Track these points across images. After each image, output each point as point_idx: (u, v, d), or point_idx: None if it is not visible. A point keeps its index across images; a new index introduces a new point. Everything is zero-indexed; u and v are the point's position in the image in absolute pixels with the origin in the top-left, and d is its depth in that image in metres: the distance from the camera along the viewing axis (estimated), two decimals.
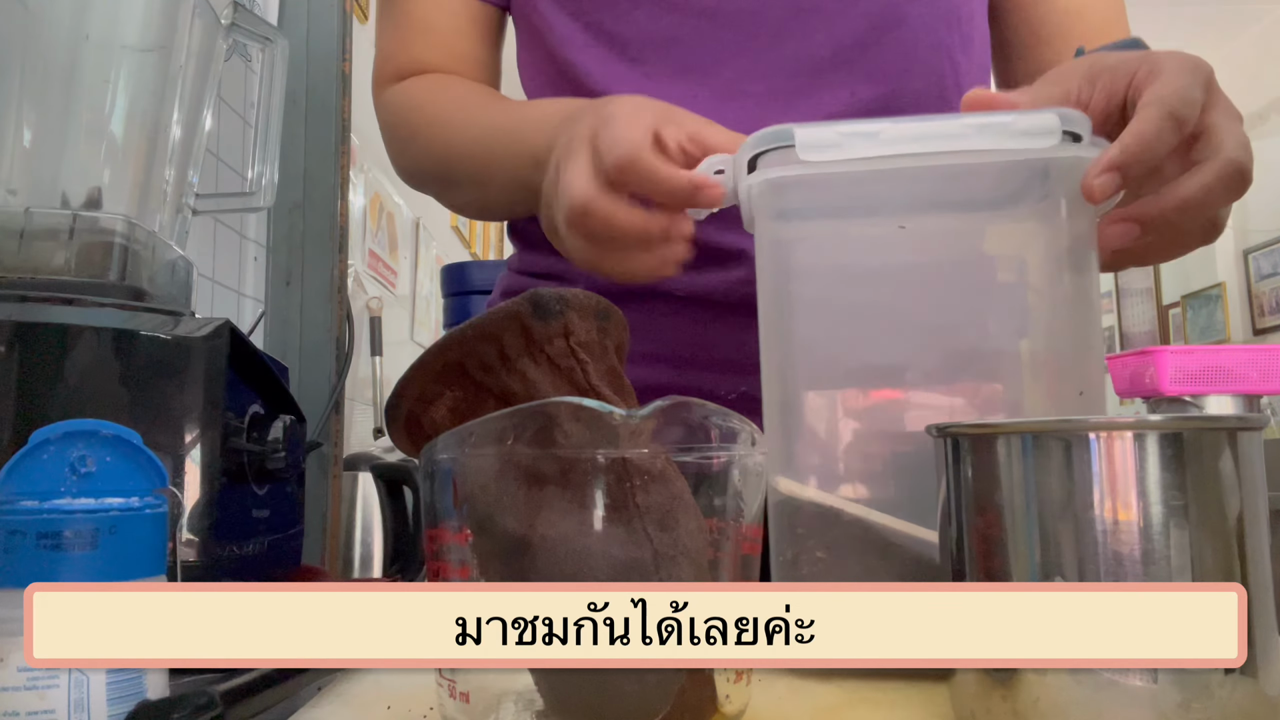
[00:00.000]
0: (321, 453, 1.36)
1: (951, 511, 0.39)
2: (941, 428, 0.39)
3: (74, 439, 0.41)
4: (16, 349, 0.64)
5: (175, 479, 0.67)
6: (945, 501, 0.39)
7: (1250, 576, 0.34)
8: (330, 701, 0.47)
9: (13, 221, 0.73)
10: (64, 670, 0.39)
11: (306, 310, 1.43)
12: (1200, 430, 0.34)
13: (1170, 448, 0.34)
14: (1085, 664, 0.33)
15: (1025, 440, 0.35)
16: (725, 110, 0.66)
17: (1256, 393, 3.18)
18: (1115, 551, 0.34)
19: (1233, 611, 0.31)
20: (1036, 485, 0.35)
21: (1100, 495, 0.34)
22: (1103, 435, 0.34)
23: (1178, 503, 0.33)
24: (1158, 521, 0.33)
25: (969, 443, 0.38)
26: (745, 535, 0.40)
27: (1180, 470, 0.33)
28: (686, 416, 0.38)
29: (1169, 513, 0.33)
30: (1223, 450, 0.34)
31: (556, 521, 0.37)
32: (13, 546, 0.39)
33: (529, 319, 0.40)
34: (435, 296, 2.81)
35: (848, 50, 0.67)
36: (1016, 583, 0.36)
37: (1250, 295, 5.25)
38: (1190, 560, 0.33)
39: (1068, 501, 0.34)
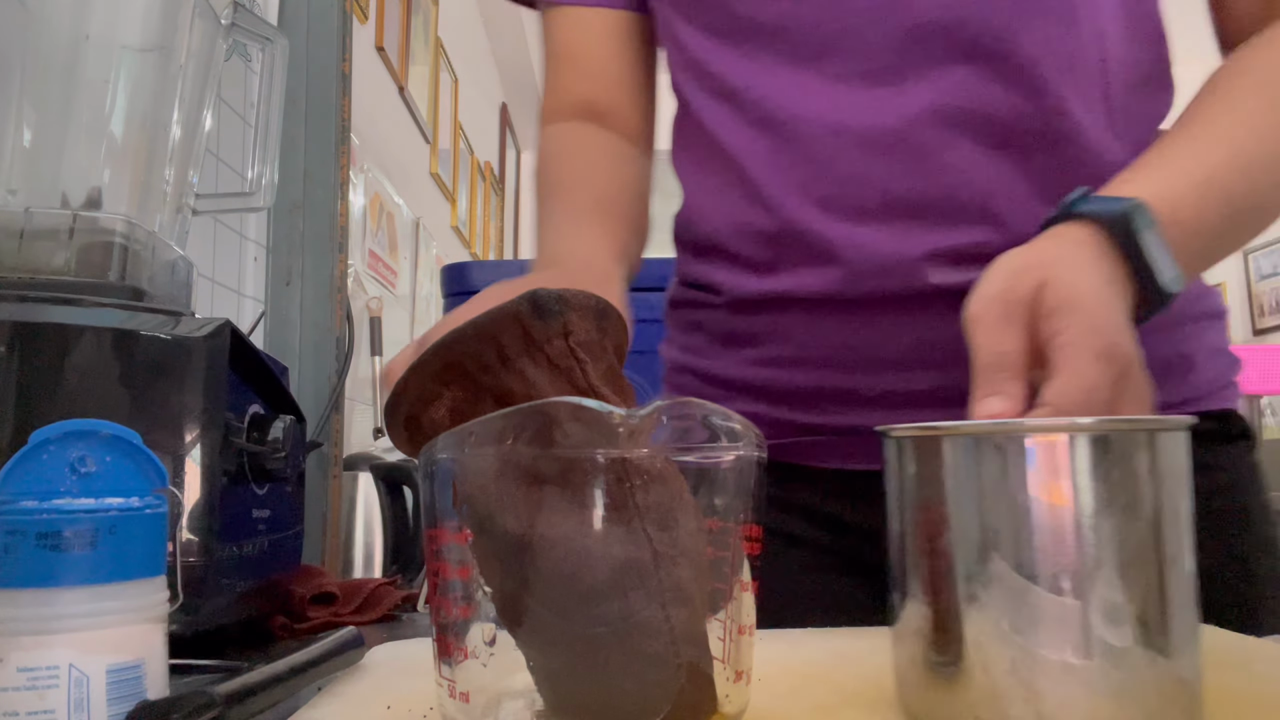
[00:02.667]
0: (321, 453, 1.36)
1: (896, 510, 0.41)
2: (885, 430, 0.42)
3: (74, 439, 0.41)
4: (16, 349, 0.64)
5: (175, 479, 0.67)
6: (890, 500, 0.42)
7: (1169, 567, 0.37)
8: (330, 701, 0.47)
9: (13, 221, 0.73)
10: (64, 670, 0.39)
11: (306, 310, 1.43)
12: (1125, 432, 0.37)
13: (1099, 449, 0.36)
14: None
15: (967, 443, 0.38)
16: (838, 93, 0.67)
17: (1256, 393, 3.18)
18: (1049, 544, 0.36)
19: None
20: (978, 484, 0.38)
21: (1035, 493, 0.37)
22: (1038, 438, 0.37)
23: (1105, 499, 0.36)
24: (1088, 516, 0.36)
25: (913, 444, 0.40)
26: (745, 535, 0.40)
27: (1107, 469, 0.36)
28: (686, 416, 0.38)
29: (1098, 508, 0.36)
30: (1145, 451, 0.37)
31: (556, 521, 0.36)
32: (12, 546, 0.39)
33: (528, 319, 0.40)
34: (435, 296, 2.81)
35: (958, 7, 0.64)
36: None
37: (1250, 295, 5.25)
38: (1115, 553, 0.36)
39: (1006, 499, 0.37)
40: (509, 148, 4.60)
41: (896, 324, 0.68)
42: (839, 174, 0.67)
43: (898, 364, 0.68)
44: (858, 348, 0.69)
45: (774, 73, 0.69)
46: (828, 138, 0.67)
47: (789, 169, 0.68)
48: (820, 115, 0.67)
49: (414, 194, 2.73)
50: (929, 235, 0.66)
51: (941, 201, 0.66)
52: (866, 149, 0.66)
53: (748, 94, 0.70)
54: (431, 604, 0.40)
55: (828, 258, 0.67)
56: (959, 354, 0.66)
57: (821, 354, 0.70)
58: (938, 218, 0.66)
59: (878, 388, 0.69)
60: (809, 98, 0.68)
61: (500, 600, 0.38)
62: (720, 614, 0.39)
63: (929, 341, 0.67)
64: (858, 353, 0.69)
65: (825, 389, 0.70)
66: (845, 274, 0.67)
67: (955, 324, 0.64)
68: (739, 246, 0.72)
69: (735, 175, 0.71)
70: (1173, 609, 0.37)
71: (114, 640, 0.40)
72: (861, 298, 0.68)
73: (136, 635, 0.41)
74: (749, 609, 0.41)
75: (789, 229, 0.69)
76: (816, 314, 0.70)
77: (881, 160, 0.66)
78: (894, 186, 0.66)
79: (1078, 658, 0.36)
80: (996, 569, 0.37)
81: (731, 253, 0.73)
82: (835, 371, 0.70)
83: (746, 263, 0.72)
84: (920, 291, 0.66)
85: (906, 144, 0.66)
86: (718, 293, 0.74)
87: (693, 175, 0.76)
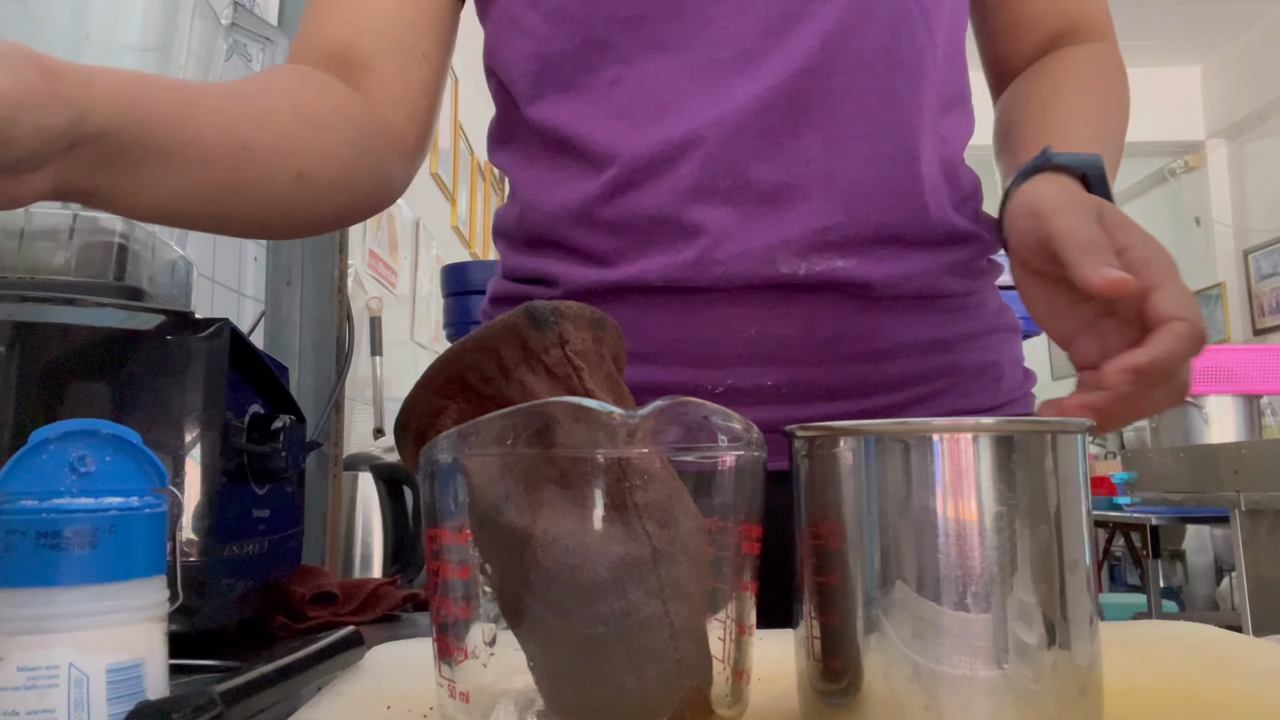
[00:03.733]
0: (321, 453, 1.36)
1: (803, 506, 0.41)
2: (789, 430, 0.41)
3: (74, 439, 0.41)
4: (16, 349, 0.64)
5: (175, 479, 0.67)
6: (796, 497, 0.41)
7: (1066, 561, 0.37)
8: (330, 701, 0.47)
9: (13, 221, 0.73)
10: (64, 670, 0.39)
11: (306, 310, 1.43)
12: (1027, 433, 0.38)
13: (1001, 449, 0.37)
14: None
15: (868, 442, 0.38)
16: (698, 82, 0.66)
17: (1256, 393, 3.18)
18: (951, 540, 0.37)
19: None
20: (879, 482, 0.38)
21: (940, 490, 0.37)
22: (945, 436, 0.37)
23: (1008, 495, 0.37)
24: (990, 513, 0.37)
25: (819, 443, 0.40)
26: (745, 535, 0.40)
27: (1009, 467, 0.37)
28: (686, 416, 0.39)
29: (1000, 503, 0.37)
30: (1046, 451, 0.37)
31: (556, 520, 0.37)
32: (12, 546, 0.39)
33: (525, 330, 0.41)
34: (435, 296, 2.81)
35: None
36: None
37: (1250, 295, 5.25)
38: (1014, 547, 0.36)
39: (908, 496, 0.37)
40: None
41: (743, 315, 0.67)
42: (700, 157, 0.65)
43: (743, 358, 0.67)
44: (701, 340, 0.67)
45: (637, 62, 0.67)
46: (688, 122, 0.66)
47: (650, 156, 0.66)
48: (678, 101, 0.66)
49: (414, 194, 2.73)
50: (780, 222, 0.65)
51: (793, 187, 0.65)
52: (727, 132, 0.65)
53: (603, 85, 0.68)
54: (431, 604, 0.40)
55: (681, 241, 0.66)
56: (806, 349, 0.68)
57: (663, 348, 0.68)
58: (790, 203, 0.66)
59: (723, 383, 0.67)
60: (669, 83, 0.66)
61: (502, 598, 0.39)
62: (720, 614, 0.40)
63: (775, 335, 0.67)
64: (701, 346, 0.68)
65: (666, 385, 0.67)
66: (694, 259, 0.66)
67: (803, 317, 0.67)
68: (579, 238, 0.69)
69: (586, 165, 0.68)
70: (1073, 606, 0.37)
71: (114, 640, 0.40)
72: (707, 287, 0.66)
73: (136, 635, 0.41)
74: (749, 609, 0.41)
75: (641, 214, 0.67)
76: (657, 305, 0.68)
77: (737, 143, 0.65)
78: (751, 170, 0.65)
79: (983, 660, 0.36)
80: (896, 575, 0.37)
81: (570, 245, 0.70)
82: (678, 366, 0.68)
83: (586, 254, 0.70)
84: (767, 281, 0.66)
85: (760, 127, 0.65)
86: (552, 285, 0.71)
87: (527, 169, 0.73)
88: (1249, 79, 5.22)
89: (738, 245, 0.65)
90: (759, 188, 0.66)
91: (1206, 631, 0.59)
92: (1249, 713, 0.43)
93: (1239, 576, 2.39)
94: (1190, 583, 4.27)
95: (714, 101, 0.66)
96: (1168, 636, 0.59)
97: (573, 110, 0.69)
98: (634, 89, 0.67)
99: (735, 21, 0.66)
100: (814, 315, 0.67)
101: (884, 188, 0.67)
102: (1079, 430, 0.39)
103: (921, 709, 0.36)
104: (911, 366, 0.70)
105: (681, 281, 0.67)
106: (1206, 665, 0.51)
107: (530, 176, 0.73)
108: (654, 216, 0.67)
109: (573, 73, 0.69)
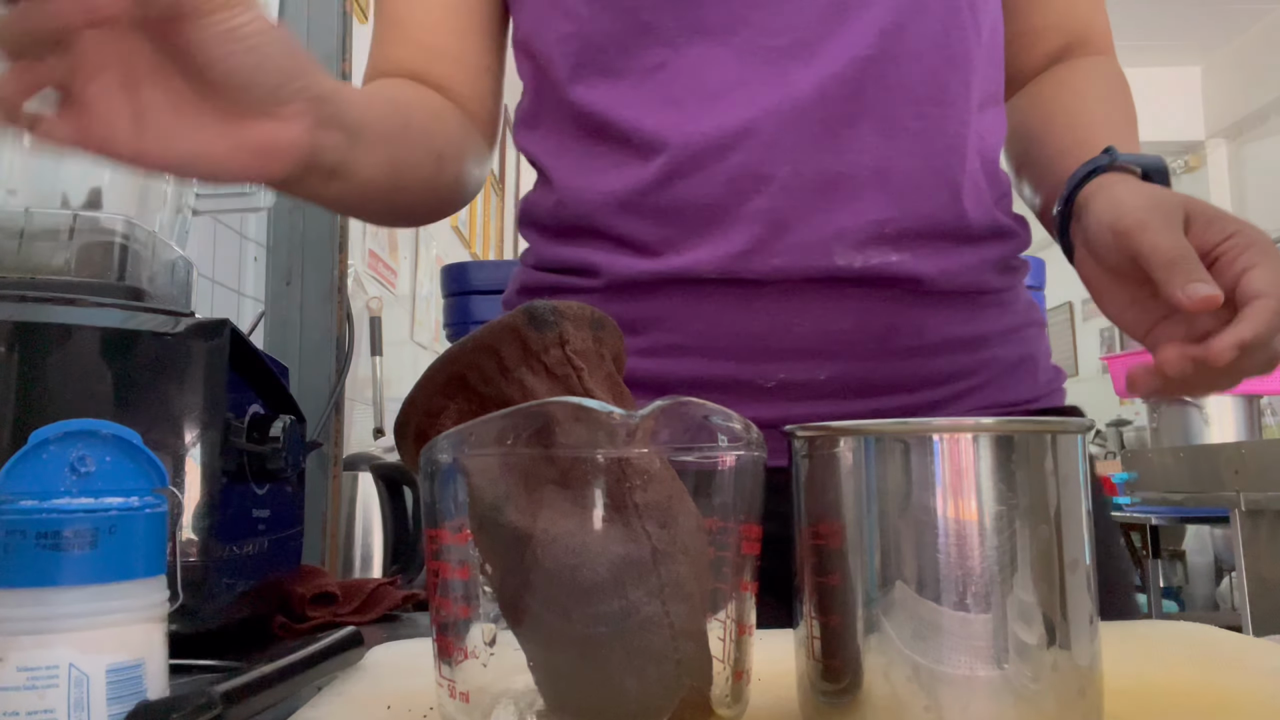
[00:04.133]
0: (321, 453, 1.36)
1: (803, 506, 0.41)
2: (789, 430, 0.41)
3: (74, 439, 0.41)
4: (16, 349, 0.64)
5: (175, 479, 0.67)
6: (796, 497, 0.41)
7: (1066, 561, 0.37)
8: (330, 701, 0.47)
9: (13, 221, 0.73)
10: (64, 670, 0.39)
11: (306, 310, 1.43)
12: (1027, 433, 0.38)
13: (1001, 449, 0.37)
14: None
15: (868, 442, 0.38)
16: (748, 68, 0.65)
17: (1256, 393, 3.18)
18: (951, 540, 0.36)
19: None
20: (879, 482, 0.38)
21: (941, 490, 0.37)
22: (945, 436, 0.37)
23: (1008, 495, 0.37)
24: (990, 513, 0.36)
25: (819, 443, 0.40)
26: (745, 535, 0.40)
27: (1009, 467, 0.37)
28: (686, 416, 0.39)
29: (1000, 503, 0.37)
30: (1046, 451, 0.37)
31: (556, 520, 0.37)
32: (12, 546, 0.39)
33: (525, 330, 0.41)
34: (435, 296, 2.81)
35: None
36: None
37: None
38: (1014, 547, 0.36)
39: (908, 496, 0.37)
40: (509, 148, 4.61)
41: (796, 308, 0.66)
42: (755, 146, 0.65)
43: (797, 352, 0.66)
44: (753, 334, 0.66)
45: (683, 47, 0.66)
46: (742, 109, 0.65)
47: (703, 144, 0.65)
48: (730, 88, 0.65)
49: None
50: (836, 214, 0.65)
51: (849, 178, 0.65)
52: (784, 120, 0.65)
53: (647, 69, 0.67)
54: (431, 604, 0.40)
55: (734, 232, 0.65)
56: (860, 343, 0.67)
57: (712, 341, 0.67)
58: (847, 195, 0.65)
59: (775, 377, 0.66)
60: (719, 70, 0.66)
61: (502, 598, 0.39)
62: (721, 613, 0.40)
63: (830, 330, 0.66)
64: (753, 339, 0.66)
65: (716, 379, 0.66)
66: (746, 251, 0.65)
67: (856, 312, 0.67)
68: (625, 227, 0.68)
69: (632, 151, 0.67)
70: (1073, 606, 0.37)
71: (114, 640, 0.40)
72: (760, 279, 0.65)
73: (136, 635, 0.41)
74: (749, 609, 0.41)
75: (692, 203, 0.66)
76: (707, 297, 0.66)
77: (795, 132, 0.65)
78: (808, 160, 0.65)
79: (983, 660, 0.36)
80: (896, 575, 0.37)
81: (614, 234, 0.68)
82: (728, 361, 0.67)
83: (632, 244, 0.68)
84: (823, 274, 0.65)
85: (819, 116, 0.65)
86: (594, 275, 0.69)
87: (563, 154, 0.72)
88: (1249, 79, 5.22)
89: (795, 237, 0.64)
90: (816, 178, 0.64)
91: (1206, 631, 0.59)
92: (1249, 713, 0.43)
93: (1239, 576, 2.39)
94: (1190, 583, 4.27)
95: (769, 90, 0.65)
96: (1168, 636, 0.59)
97: (616, 94, 0.68)
98: (681, 74, 0.66)
99: (787, 9, 0.65)
100: (867, 310, 0.66)
101: (934, 181, 0.67)
102: (1079, 430, 0.39)
103: (921, 709, 0.36)
104: (956, 361, 0.70)
105: (733, 273, 0.65)
106: (1206, 665, 0.51)
107: (567, 163, 0.71)
108: (706, 206, 0.65)
109: (614, 55, 0.68)
